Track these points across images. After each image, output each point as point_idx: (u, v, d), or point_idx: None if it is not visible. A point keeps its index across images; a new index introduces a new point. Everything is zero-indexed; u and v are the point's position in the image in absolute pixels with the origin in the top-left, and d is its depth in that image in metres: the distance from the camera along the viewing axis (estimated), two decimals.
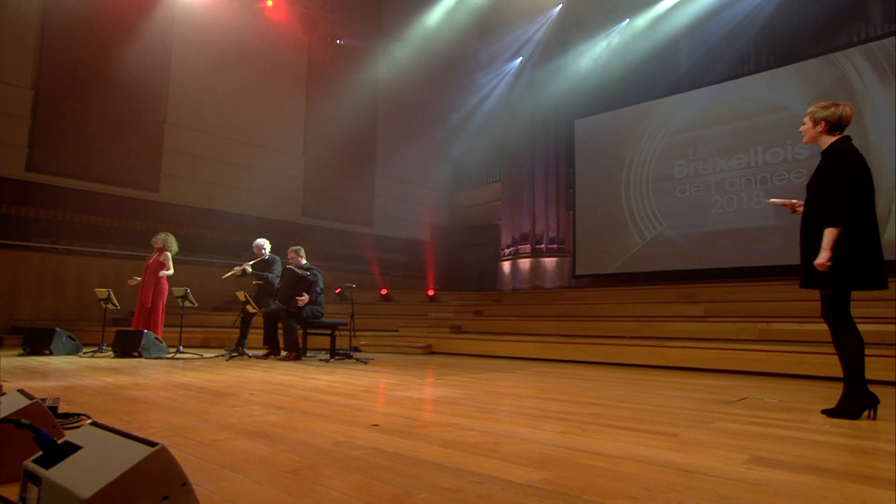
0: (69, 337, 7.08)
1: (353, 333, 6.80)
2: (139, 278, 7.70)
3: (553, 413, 3.08)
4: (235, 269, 7.47)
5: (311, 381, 4.65)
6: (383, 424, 2.64)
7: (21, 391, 2.00)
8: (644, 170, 11.42)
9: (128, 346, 6.77)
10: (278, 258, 7.79)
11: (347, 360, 6.65)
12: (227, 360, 6.50)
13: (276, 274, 7.56)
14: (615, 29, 12.19)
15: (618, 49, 12.06)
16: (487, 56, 14.59)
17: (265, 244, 7.77)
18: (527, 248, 14.28)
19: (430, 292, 12.04)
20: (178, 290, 7.14)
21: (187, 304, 7.18)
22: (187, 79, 12.24)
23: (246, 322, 7.42)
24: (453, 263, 16.42)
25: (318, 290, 7.03)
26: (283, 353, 6.94)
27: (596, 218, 12.31)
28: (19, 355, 6.81)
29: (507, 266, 14.67)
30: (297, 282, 6.83)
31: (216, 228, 12.62)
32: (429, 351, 8.32)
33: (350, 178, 14.78)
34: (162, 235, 7.83)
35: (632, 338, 7.17)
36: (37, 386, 4.03)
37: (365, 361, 6.44)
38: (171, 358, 6.73)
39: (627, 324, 7.65)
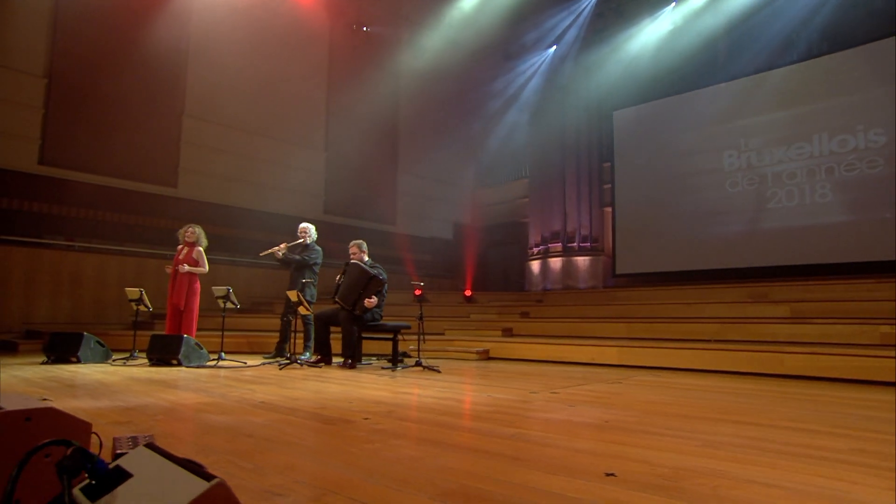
0: (98, 342, 6.27)
1: (422, 338, 6.02)
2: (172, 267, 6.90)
3: (794, 448, 2.32)
4: (275, 247, 6.69)
5: (409, 396, 3.88)
6: (620, 473, 1.87)
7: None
8: (690, 162, 10.70)
9: (165, 352, 5.96)
10: (321, 249, 7.02)
11: (413, 368, 5.88)
12: (280, 369, 5.71)
13: (312, 261, 6.79)
14: (658, 15, 11.47)
15: (660, 36, 11.34)
16: (518, 47, 13.85)
17: (310, 228, 7.02)
18: (558, 246, 13.55)
19: (468, 292, 11.29)
20: (220, 290, 6.35)
21: (229, 305, 6.37)
22: (205, 68, 11.43)
23: (306, 324, 6.66)
24: (477, 263, 15.64)
25: (383, 296, 6.27)
26: (342, 361, 6.15)
27: (637, 214, 11.58)
28: (43, 363, 5.99)
29: (536, 266, 13.93)
30: (369, 281, 6.04)
31: (237, 226, 11.81)
32: (486, 356, 7.57)
33: (372, 174, 14.01)
34: (194, 229, 7.04)
35: (718, 341, 6.44)
36: (88, 407, 3.25)
37: (437, 370, 5.66)
38: (215, 366, 5.93)
39: (705, 326, 6.92)
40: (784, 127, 9.45)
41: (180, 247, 7.04)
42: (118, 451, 1.81)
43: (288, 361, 6.12)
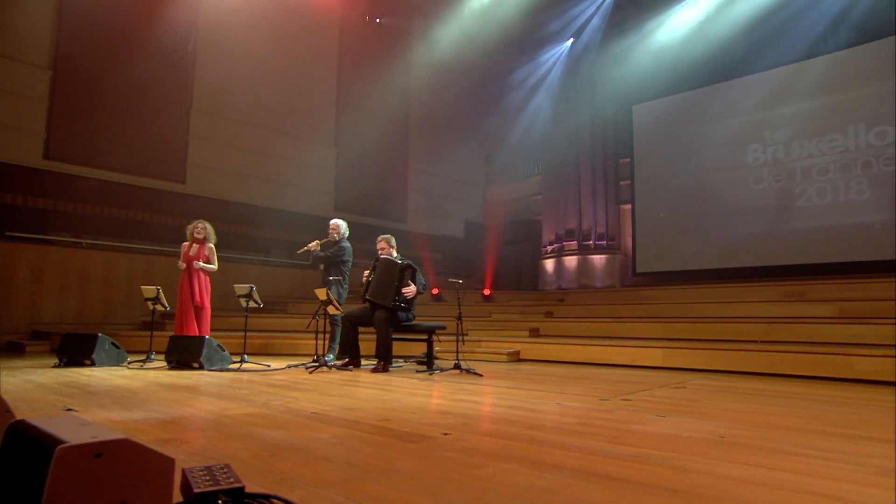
0: (113, 344, 5.85)
1: (461, 338, 5.62)
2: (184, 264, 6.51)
3: None
4: (309, 244, 6.31)
5: (470, 404, 3.48)
6: None
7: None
8: (711, 158, 10.34)
9: (186, 354, 5.55)
10: (350, 246, 6.64)
11: (450, 371, 5.48)
12: (310, 373, 5.30)
13: (339, 258, 6.40)
14: (679, 7, 11.09)
15: (682, 29, 10.97)
16: (533, 40, 13.46)
17: (341, 225, 6.64)
18: (573, 244, 13.19)
19: (487, 291, 10.90)
20: (242, 288, 5.94)
21: (252, 303, 5.96)
22: (214, 61, 11.01)
23: (332, 325, 6.26)
24: (490, 261, 15.25)
25: (423, 285, 5.87)
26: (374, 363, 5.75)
27: (657, 211, 11.22)
28: (56, 366, 5.57)
29: (550, 264, 13.57)
30: (402, 270, 5.65)
31: (247, 223, 11.41)
32: (517, 357, 7.19)
33: (383, 170, 13.61)
34: (205, 225, 6.64)
35: (767, 342, 6.07)
36: (121, 419, 2.84)
37: (477, 373, 5.27)
38: (239, 370, 5.52)
39: (749, 326, 6.56)
40: (814, 118, 9.06)
41: (187, 243, 6.64)
42: (198, 491, 1.41)
43: (316, 364, 5.72)
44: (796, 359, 5.22)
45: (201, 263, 6.36)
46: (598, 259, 12.81)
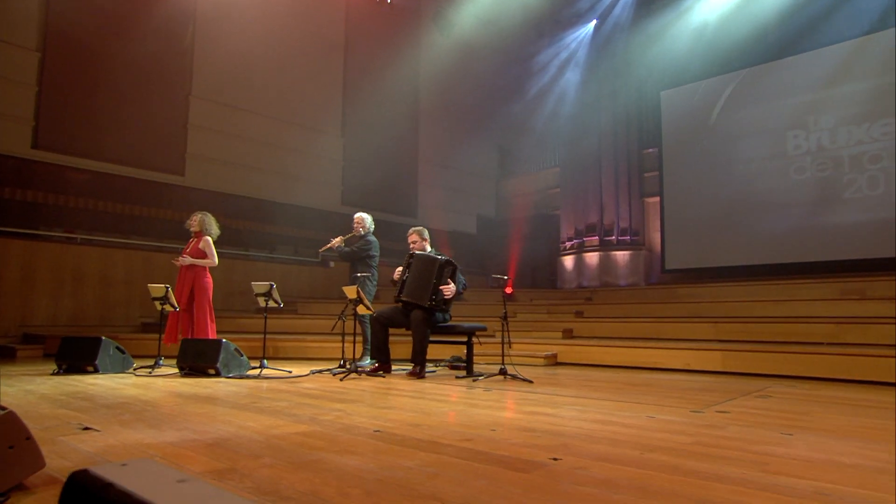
0: (117, 348, 5.45)
1: (507, 342, 5.25)
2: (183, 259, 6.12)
3: None
4: (333, 240, 5.94)
5: (551, 418, 3.11)
6: None
7: None
8: (748, 146, 9.99)
9: (200, 360, 5.16)
10: (377, 241, 6.27)
11: (495, 377, 5.11)
12: (341, 381, 4.92)
13: (365, 252, 6.03)
14: None
15: (714, 9, 10.59)
16: (553, 22, 13.07)
17: (367, 218, 6.30)
18: (594, 240, 12.83)
19: (509, 290, 10.52)
20: (261, 286, 5.55)
21: (271, 303, 5.57)
22: (214, 45, 10.59)
23: (364, 326, 5.89)
24: (503, 259, 14.88)
25: (463, 284, 5.51)
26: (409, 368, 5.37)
27: (687, 204, 10.87)
28: (55, 373, 5.16)
29: (569, 261, 13.21)
30: (441, 267, 5.29)
31: (250, 218, 11.00)
32: (554, 361, 6.83)
33: (393, 162, 13.19)
34: (199, 216, 6.26)
35: (834, 344, 5.72)
36: (155, 441, 2.46)
37: (527, 380, 4.90)
38: (259, 377, 5.13)
39: (807, 326, 6.21)
40: (864, 101, 8.69)
41: (191, 239, 6.26)
42: None
43: (345, 370, 5.33)
44: (874, 363, 4.87)
45: (188, 259, 5.96)
46: (622, 255, 12.46)
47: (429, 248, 5.81)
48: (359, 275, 5.72)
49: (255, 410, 3.30)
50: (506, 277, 5.47)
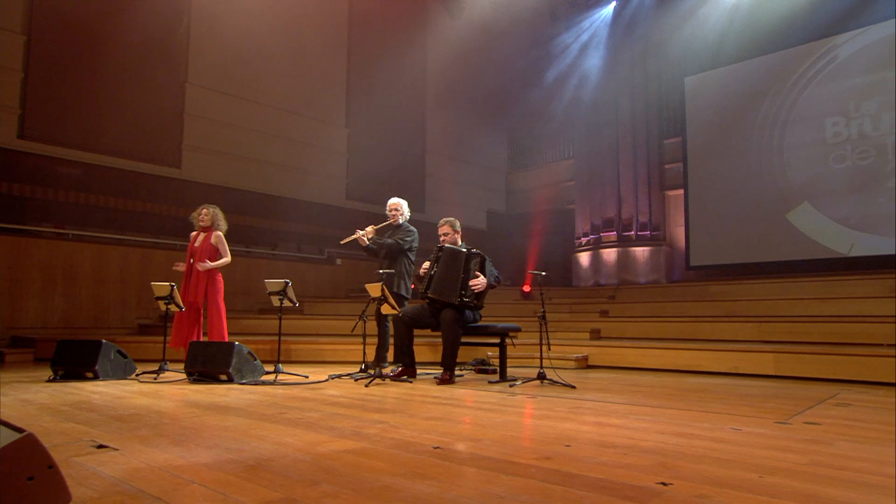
0: (119, 352, 5.15)
1: (547, 344, 4.97)
2: (183, 264, 5.84)
3: None
4: (360, 231, 5.62)
5: (624, 430, 2.84)
6: None
7: None
8: (782, 133, 9.73)
9: (211, 364, 4.87)
10: (416, 231, 5.96)
11: (533, 382, 4.84)
12: (366, 386, 4.64)
13: (408, 244, 5.74)
14: None
15: None
16: (569, 4, 12.78)
17: (404, 204, 5.98)
18: (612, 235, 12.57)
19: (526, 288, 10.27)
20: (274, 284, 5.27)
21: (286, 303, 5.29)
22: (210, 29, 10.29)
23: (383, 327, 5.61)
24: (514, 255, 14.62)
25: (495, 276, 5.24)
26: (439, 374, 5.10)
27: (715, 197, 10.61)
28: (51, 380, 4.86)
29: (585, 258, 12.95)
30: (468, 259, 5.02)
31: (249, 213, 10.71)
32: (585, 364, 6.57)
33: (399, 153, 12.90)
34: (210, 210, 5.99)
35: (891, 346, 5.47)
36: (183, 462, 2.18)
37: (569, 384, 4.63)
38: (274, 382, 4.84)
39: (867, 326, 5.97)
40: None
41: (195, 233, 5.98)
42: None
43: (367, 375, 5.06)
44: None
45: (207, 264, 5.67)
46: (641, 251, 12.20)
47: (459, 240, 5.54)
48: (391, 270, 5.41)
49: (287, 423, 3.02)
50: (544, 273, 5.18)
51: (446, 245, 5.28)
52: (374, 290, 4.93)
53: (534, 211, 14.44)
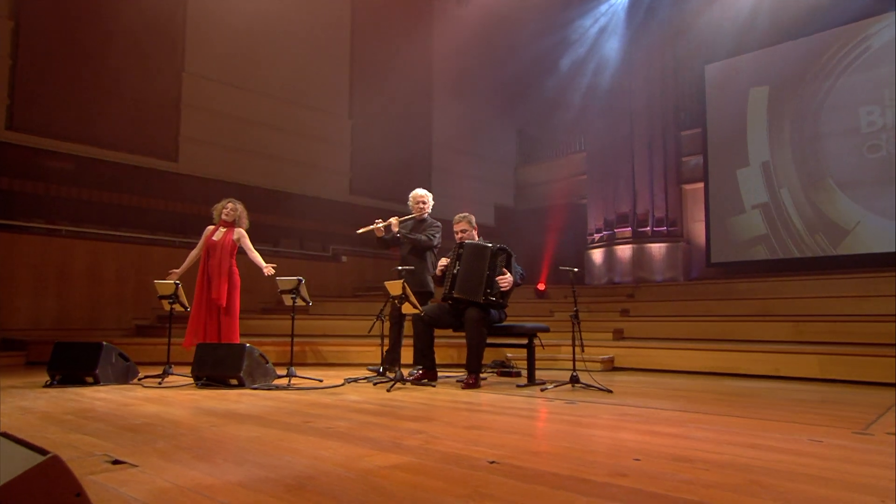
0: (120, 355, 4.95)
1: (580, 345, 4.77)
2: (177, 270, 5.64)
3: None
4: (379, 222, 5.42)
5: (692, 442, 2.65)
6: None
7: None
8: (813, 124, 9.53)
9: (220, 368, 4.67)
10: (441, 225, 5.77)
11: (565, 386, 4.66)
12: (388, 391, 4.44)
13: (438, 241, 5.57)
14: None
15: None
16: None
17: (428, 196, 5.77)
18: (626, 231, 12.37)
19: (541, 286, 10.08)
20: (286, 282, 5.08)
21: (299, 302, 5.10)
22: (208, 14, 10.07)
23: (398, 327, 5.42)
24: (524, 252, 14.40)
25: (520, 274, 5.06)
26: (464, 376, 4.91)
27: (737, 191, 10.41)
28: (48, 385, 4.66)
29: (598, 255, 12.76)
30: (493, 255, 4.83)
31: (249, 208, 10.09)
32: (611, 366, 6.38)
33: (404, 146, 12.69)
34: (238, 205, 5.83)
35: None
36: (213, 481, 1.99)
37: (605, 388, 4.44)
38: (288, 387, 4.64)
39: None
40: None
41: (212, 227, 5.79)
42: None
43: (387, 380, 4.86)
44: None
45: (270, 269, 5.48)
46: (657, 248, 12.01)
47: (478, 238, 5.35)
48: (402, 267, 5.23)
49: (317, 433, 2.82)
50: (575, 269, 4.99)
51: (467, 241, 5.08)
52: (395, 287, 4.72)
53: (544, 206, 14.26)
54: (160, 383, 4.83)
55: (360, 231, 5.63)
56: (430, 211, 5.81)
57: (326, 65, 11.71)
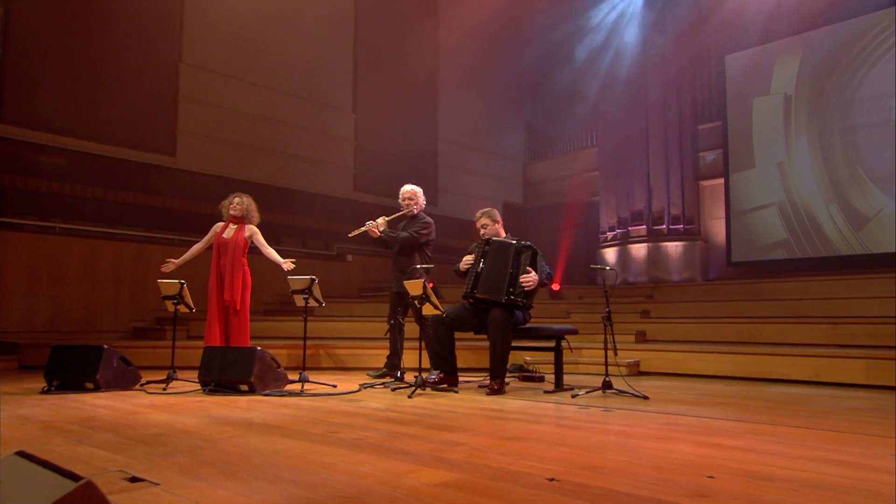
0: (122, 360, 4.77)
1: (614, 348, 4.61)
2: (174, 261, 5.47)
3: None
4: (370, 222, 5.34)
5: (761, 456, 2.49)
6: None
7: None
8: (841, 115, 9.36)
9: (229, 373, 4.49)
10: (433, 222, 5.62)
11: (595, 393, 4.49)
12: (409, 398, 4.28)
13: (425, 238, 5.50)
14: None
15: None
16: None
17: (420, 192, 5.66)
18: (641, 229, 12.22)
19: (556, 287, 9.92)
20: (299, 281, 4.90)
21: (312, 302, 4.93)
22: (206, 1, 9.89)
23: (400, 330, 5.28)
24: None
25: (547, 273, 4.90)
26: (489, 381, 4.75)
27: (758, 187, 10.26)
28: (45, 391, 4.48)
29: (611, 254, 12.61)
30: (517, 253, 4.68)
31: None
32: (637, 370, 6.23)
33: (409, 141, 12.53)
34: (244, 199, 5.65)
35: None
36: (244, 500, 1.82)
37: (641, 395, 4.28)
38: (302, 393, 4.47)
39: None
40: None
41: (221, 224, 5.63)
42: None
43: (405, 385, 4.69)
44: None
45: (288, 263, 5.28)
46: (673, 247, 11.86)
47: (504, 234, 5.19)
48: (421, 266, 5.06)
49: (346, 445, 2.65)
50: (608, 268, 4.83)
51: (492, 239, 4.93)
52: (415, 287, 4.55)
53: (554, 203, 14.12)
54: (165, 389, 4.66)
55: (353, 234, 5.49)
56: (423, 207, 5.66)
57: (330, 56, 11.54)
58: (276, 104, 10.67)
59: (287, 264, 5.28)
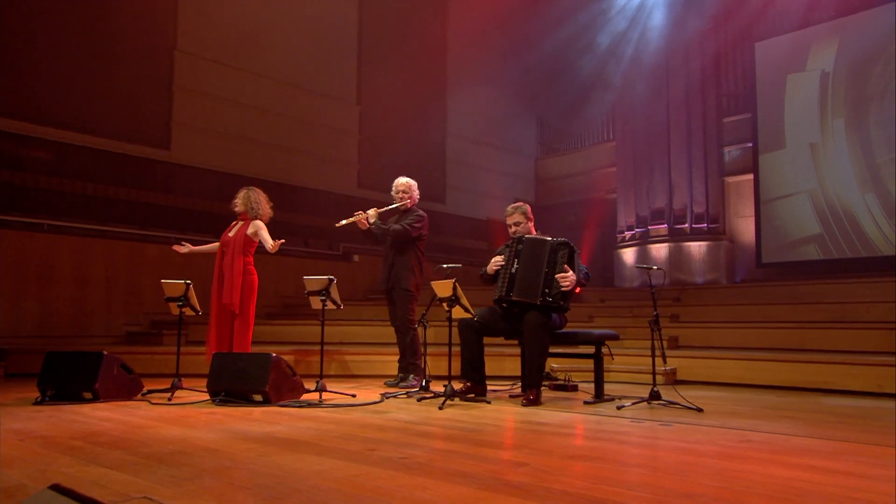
0: (123, 367, 4.55)
1: (662, 355, 4.41)
2: (189, 245, 5.43)
3: None
4: (360, 213, 5.28)
5: (856, 481, 2.29)
6: None
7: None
8: (879, 105, 9.17)
9: (241, 382, 4.28)
10: (426, 216, 5.53)
11: (641, 404, 4.29)
12: (440, 409, 4.07)
13: (418, 231, 5.39)
14: None
15: None
16: None
17: (414, 184, 5.61)
18: (662, 228, 12.02)
19: (577, 289, 9.68)
20: (315, 282, 4.71)
21: (329, 305, 4.72)
22: None
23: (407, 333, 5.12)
24: None
25: (584, 273, 4.72)
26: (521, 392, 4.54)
27: (787, 169, 10.05)
28: (38, 402, 4.26)
29: (629, 254, 12.44)
30: (553, 250, 4.50)
31: None
32: (673, 378, 6.02)
33: (416, 136, 12.34)
34: (245, 192, 5.49)
35: None
36: None
37: (695, 407, 4.07)
38: (320, 403, 4.26)
39: None
40: None
41: (234, 223, 5.45)
42: None
43: (434, 395, 4.49)
44: None
45: (272, 242, 5.15)
46: (697, 247, 11.67)
47: (535, 232, 5.00)
48: (448, 265, 4.86)
49: (394, 466, 2.44)
50: (655, 268, 4.64)
51: (525, 236, 4.73)
52: (443, 288, 4.34)
53: (568, 201, 13.96)
54: (170, 399, 4.44)
55: (340, 224, 5.33)
56: (416, 201, 5.54)
57: (333, 45, 11.33)
58: (276, 95, 10.47)
59: (275, 245, 5.08)
